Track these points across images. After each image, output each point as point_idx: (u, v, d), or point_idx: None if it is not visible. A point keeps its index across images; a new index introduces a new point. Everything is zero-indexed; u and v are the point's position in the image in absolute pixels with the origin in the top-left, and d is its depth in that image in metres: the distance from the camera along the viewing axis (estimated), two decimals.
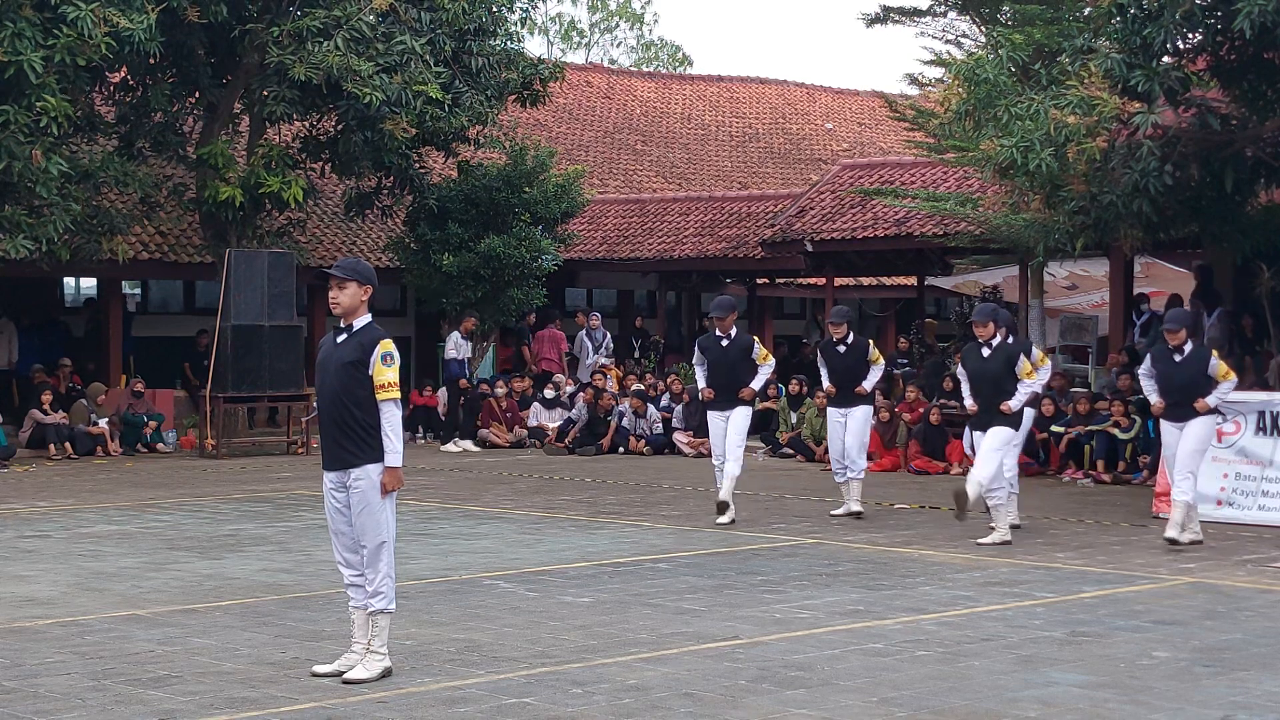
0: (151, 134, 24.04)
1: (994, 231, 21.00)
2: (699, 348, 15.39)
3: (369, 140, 23.61)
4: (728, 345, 15.03)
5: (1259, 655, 9.16)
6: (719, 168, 37.72)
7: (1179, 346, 13.65)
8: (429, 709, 7.81)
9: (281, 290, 22.97)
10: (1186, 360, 13.64)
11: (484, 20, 25.02)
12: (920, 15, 32.10)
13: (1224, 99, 17.05)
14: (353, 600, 8.56)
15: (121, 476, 20.03)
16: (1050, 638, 9.58)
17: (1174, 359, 13.62)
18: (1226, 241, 18.86)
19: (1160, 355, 13.84)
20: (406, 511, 13.64)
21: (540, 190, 26.64)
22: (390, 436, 8.38)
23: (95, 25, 20.39)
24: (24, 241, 20.95)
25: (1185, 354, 13.60)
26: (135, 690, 8.15)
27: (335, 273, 8.48)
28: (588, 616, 10.13)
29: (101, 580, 11.71)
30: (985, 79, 17.47)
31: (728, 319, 15.04)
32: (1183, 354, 13.59)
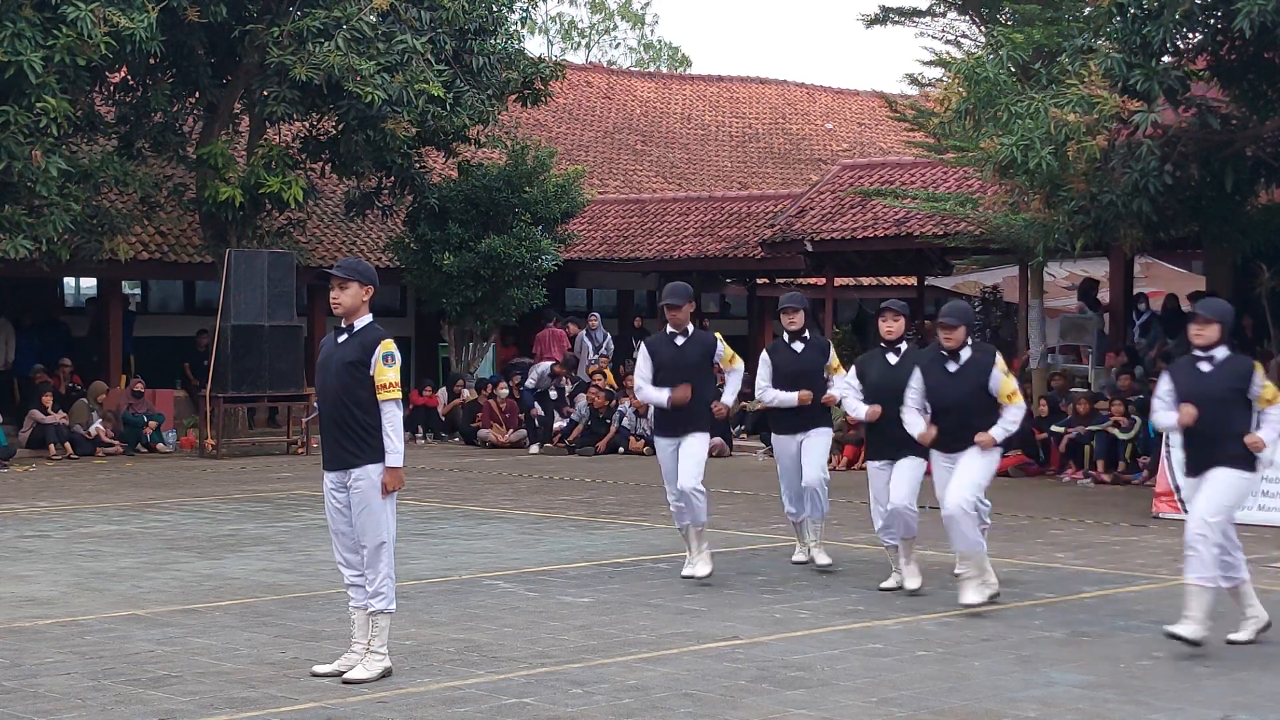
0: (151, 134, 24.03)
1: (994, 231, 21.00)
2: (646, 349, 11.70)
3: (370, 140, 23.61)
4: (684, 345, 11.56)
5: (1259, 655, 9.16)
6: (719, 168, 37.71)
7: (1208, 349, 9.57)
8: (429, 709, 7.81)
9: (281, 290, 22.97)
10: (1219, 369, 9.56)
11: (484, 20, 25.04)
12: (920, 15, 32.08)
13: (1224, 99, 17.05)
14: (353, 600, 8.56)
15: (121, 476, 20.03)
16: (1050, 638, 9.58)
17: (1199, 368, 9.56)
18: (1226, 241, 18.86)
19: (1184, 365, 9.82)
20: (406, 511, 13.64)
21: (540, 190, 26.65)
22: (391, 436, 8.38)
23: (95, 25, 20.39)
24: (24, 241, 20.95)
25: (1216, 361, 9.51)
26: (135, 690, 8.15)
27: (336, 273, 8.48)
28: (588, 616, 10.13)
29: (101, 580, 11.70)
30: (985, 78, 17.47)
31: (682, 309, 11.47)
32: (1213, 361, 9.50)
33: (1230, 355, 9.51)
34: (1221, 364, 9.42)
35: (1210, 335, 9.44)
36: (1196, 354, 9.47)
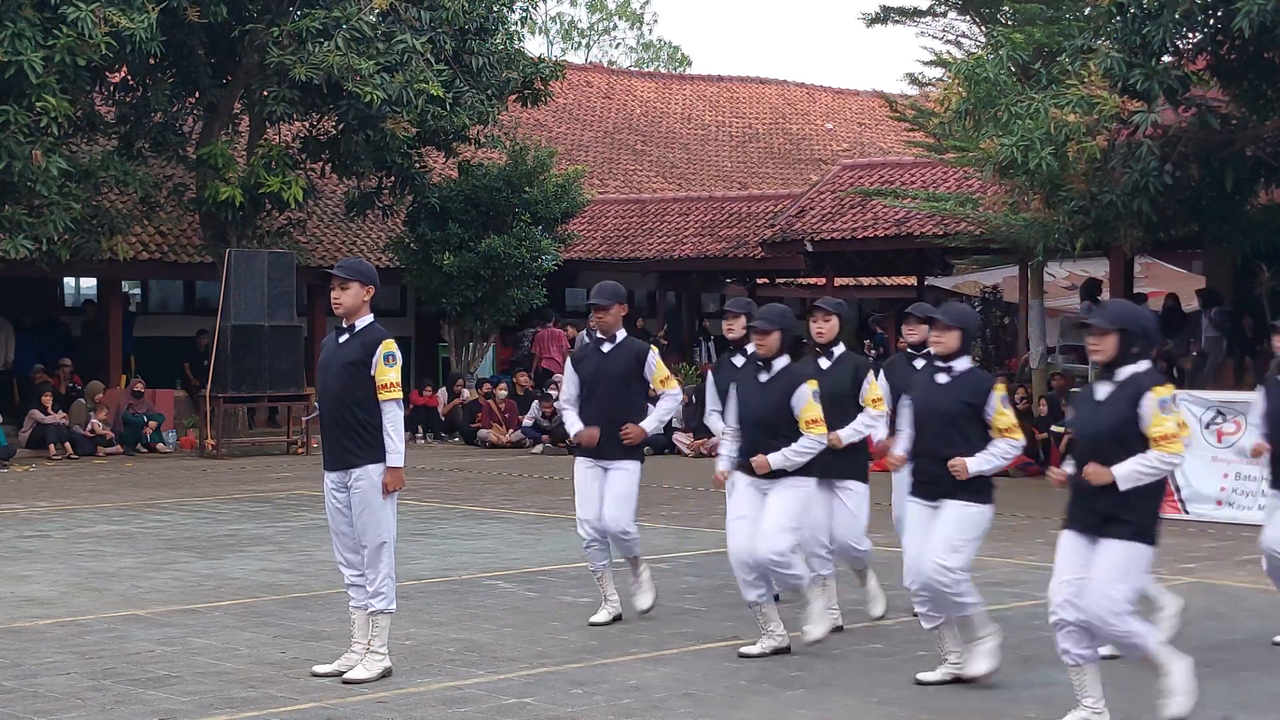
0: (151, 134, 24.04)
1: (994, 231, 21.00)
2: (570, 360, 10.11)
3: (370, 140, 23.62)
4: (610, 352, 9.79)
5: (1259, 655, 9.17)
6: (719, 168, 37.72)
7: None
8: (429, 709, 7.81)
9: (281, 290, 22.98)
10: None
11: (484, 19, 25.04)
12: (920, 15, 32.11)
13: (1224, 99, 17.05)
14: (353, 600, 8.56)
15: (121, 476, 20.03)
16: (1050, 638, 9.55)
17: (936, 379, 8.35)
18: (1226, 241, 18.86)
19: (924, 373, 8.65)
20: (406, 511, 13.64)
21: (540, 190, 26.66)
22: (392, 436, 8.38)
23: (95, 25, 20.40)
24: (24, 241, 20.95)
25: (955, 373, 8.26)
26: (135, 690, 8.15)
27: (338, 273, 8.49)
28: (587, 616, 10.12)
29: (101, 580, 11.70)
30: (985, 78, 17.47)
31: (609, 311, 9.72)
32: (951, 373, 8.27)
33: (971, 369, 8.28)
34: (957, 378, 8.22)
35: (949, 343, 8.17)
36: (936, 363, 8.30)
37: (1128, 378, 7.27)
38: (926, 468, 8.22)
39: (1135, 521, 7.24)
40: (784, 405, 8.76)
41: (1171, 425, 7.19)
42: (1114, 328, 7.26)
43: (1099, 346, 7.31)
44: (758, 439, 8.83)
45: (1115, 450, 7.20)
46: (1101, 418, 7.29)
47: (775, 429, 8.77)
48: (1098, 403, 7.37)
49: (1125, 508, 7.21)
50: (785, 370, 8.86)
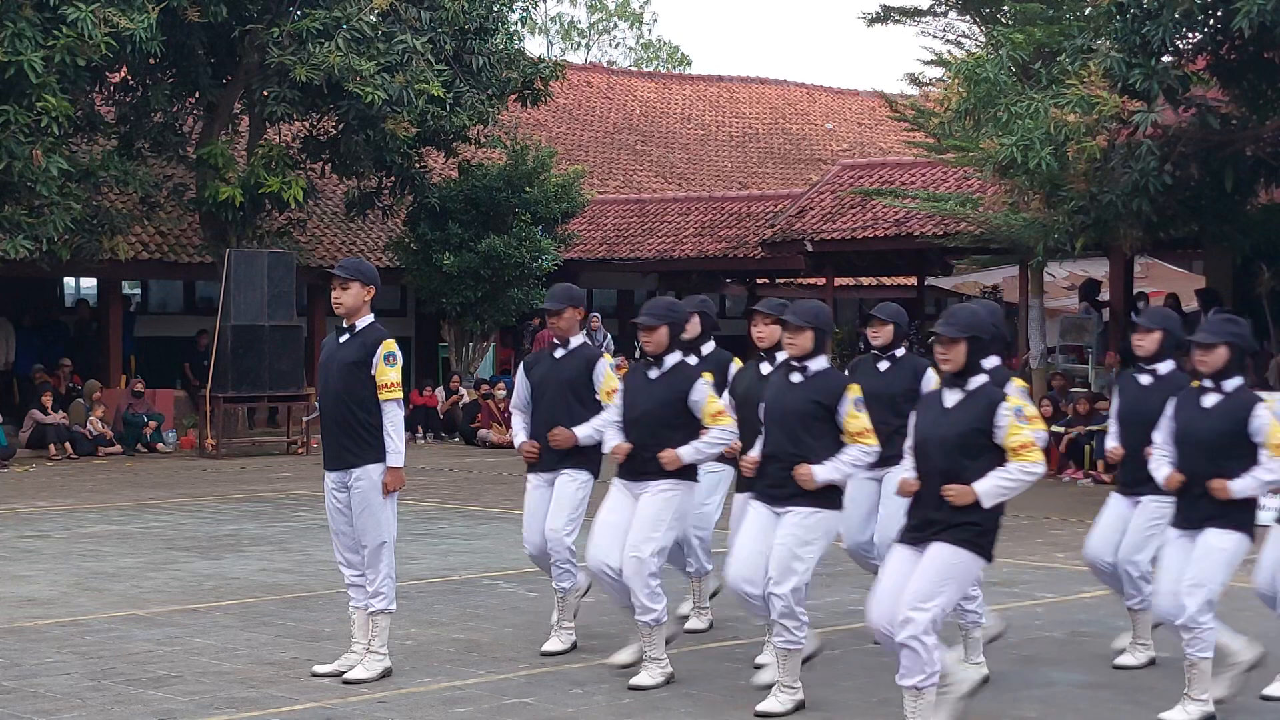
0: (151, 134, 24.04)
1: (994, 231, 21.01)
2: (522, 364, 9.52)
3: (370, 140, 23.62)
4: (561, 359, 9.11)
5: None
6: (719, 168, 37.72)
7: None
8: (429, 709, 7.81)
9: (281, 290, 22.98)
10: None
11: (484, 19, 25.05)
12: (920, 15, 32.14)
13: (1224, 99, 17.06)
14: (353, 600, 8.56)
15: (121, 476, 20.03)
16: (1050, 638, 9.58)
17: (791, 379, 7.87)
18: (1226, 241, 18.87)
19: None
20: (406, 511, 13.63)
21: (540, 190, 26.66)
22: (392, 436, 8.38)
23: (95, 25, 20.39)
24: (24, 241, 20.95)
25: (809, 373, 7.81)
26: (135, 690, 8.15)
27: (338, 273, 8.49)
28: (587, 616, 10.12)
29: (101, 580, 11.70)
30: (985, 78, 17.48)
31: (563, 316, 9.06)
32: (805, 373, 7.82)
33: (827, 369, 7.81)
34: (811, 378, 7.75)
35: (803, 344, 7.74)
36: (791, 363, 7.82)
37: (979, 386, 7.06)
38: (773, 471, 7.74)
39: (970, 529, 6.96)
40: (673, 399, 8.24)
41: (1029, 434, 6.96)
42: (963, 335, 7.02)
43: (948, 355, 7.04)
44: (644, 439, 8.28)
45: (964, 459, 6.96)
46: (950, 425, 7.02)
47: (669, 424, 8.24)
48: (945, 409, 7.10)
49: (961, 514, 6.96)
50: (677, 366, 8.34)
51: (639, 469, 8.32)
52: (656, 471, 8.25)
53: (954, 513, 6.95)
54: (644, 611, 8.21)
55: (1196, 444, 7.60)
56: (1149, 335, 8.52)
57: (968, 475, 6.96)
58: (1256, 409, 7.55)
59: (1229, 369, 7.62)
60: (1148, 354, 8.55)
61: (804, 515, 7.65)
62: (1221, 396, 7.63)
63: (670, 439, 8.23)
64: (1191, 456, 7.64)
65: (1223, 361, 7.62)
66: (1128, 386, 8.71)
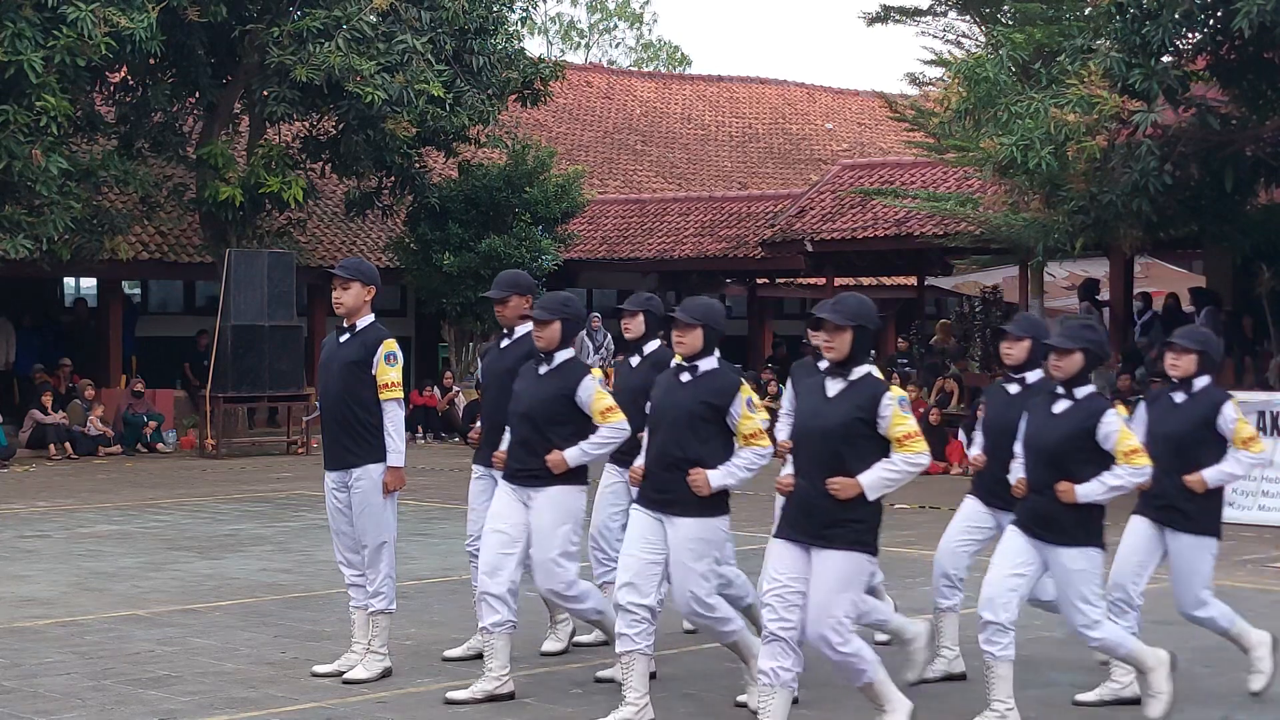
0: (151, 134, 24.06)
1: (994, 231, 21.01)
2: (480, 356, 9.43)
3: (370, 140, 23.63)
4: (505, 349, 8.66)
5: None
6: (719, 168, 37.72)
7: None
8: (429, 709, 7.81)
9: (281, 290, 22.99)
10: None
11: (484, 19, 25.05)
12: (920, 15, 32.14)
13: (1224, 99, 17.06)
14: (353, 600, 8.56)
15: (121, 476, 20.04)
16: (1050, 638, 9.57)
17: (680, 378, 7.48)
18: (1226, 241, 18.86)
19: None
20: (406, 511, 13.63)
21: (540, 190, 26.66)
22: (393, 436, 8.38)
23: (95, 25, 20.40)
24: (24, 241, 20.96)
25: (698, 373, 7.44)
26: (135, 690, 8.15)
27: (339, 273, 8.49)
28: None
29: (101, 580, 11.71)
30: (985, 78, 17.47)
31: (508, 304, 8.61)
32: (694, 373, 7.43)
33: (717, 368, 7.41)
34: (700, 377, 7.40)
35: (692, 343, 7.38)
36: (680, 364, 7.48)
37: (861, 376, 6.84)
38: (658, 476, 7.37)
39: (855, 528, 6.76)
40: (558, 396, 7.90)
41: (913, 424, 6.80)
42: (850, 324, 6.79)
43: (833, 344, 6.81)
44: (529, 436, 7.95)
45: (846, 450, 6.75)
46: (831, 414, 6.80)
47: (555, 421, 7.89)
48: (827, 399, 6.86)
49: (846, 512, 6.75)
50: (566, 363, 7.99)
51: (524, 470, 7.95)
52: (544, 474, 7.88)
53: (837, 507, 6.74)
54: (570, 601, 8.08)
55: (1040, 450, 7.41)
56: (1018, 344, 8.23)
57: (850, 466, 6.73)
58: (1105, 416, 7.37)
59: (1082, 376, 7.47)
60: (1016, 362, 8.25)
61: (693, 529, 7.28)
62: (1071, 403, 7.45)
63: (556, 437, 7.86)
64: (1036, 463, 7.47)
65: (1077, 368, 7.47)
66: (995, 396, 8.40)
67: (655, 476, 7.39)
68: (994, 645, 7.36)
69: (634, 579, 7.38)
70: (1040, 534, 7.40)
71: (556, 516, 7.92)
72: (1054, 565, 7.43)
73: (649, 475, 7.45)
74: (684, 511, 7.28)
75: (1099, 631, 7.47)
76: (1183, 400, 8.16)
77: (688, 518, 7.28)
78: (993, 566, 7.54)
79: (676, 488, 7.28)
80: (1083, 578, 7.40)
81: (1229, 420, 8.06)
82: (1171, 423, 8.14)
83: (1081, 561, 7.40)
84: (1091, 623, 7.43)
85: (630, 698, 7.42)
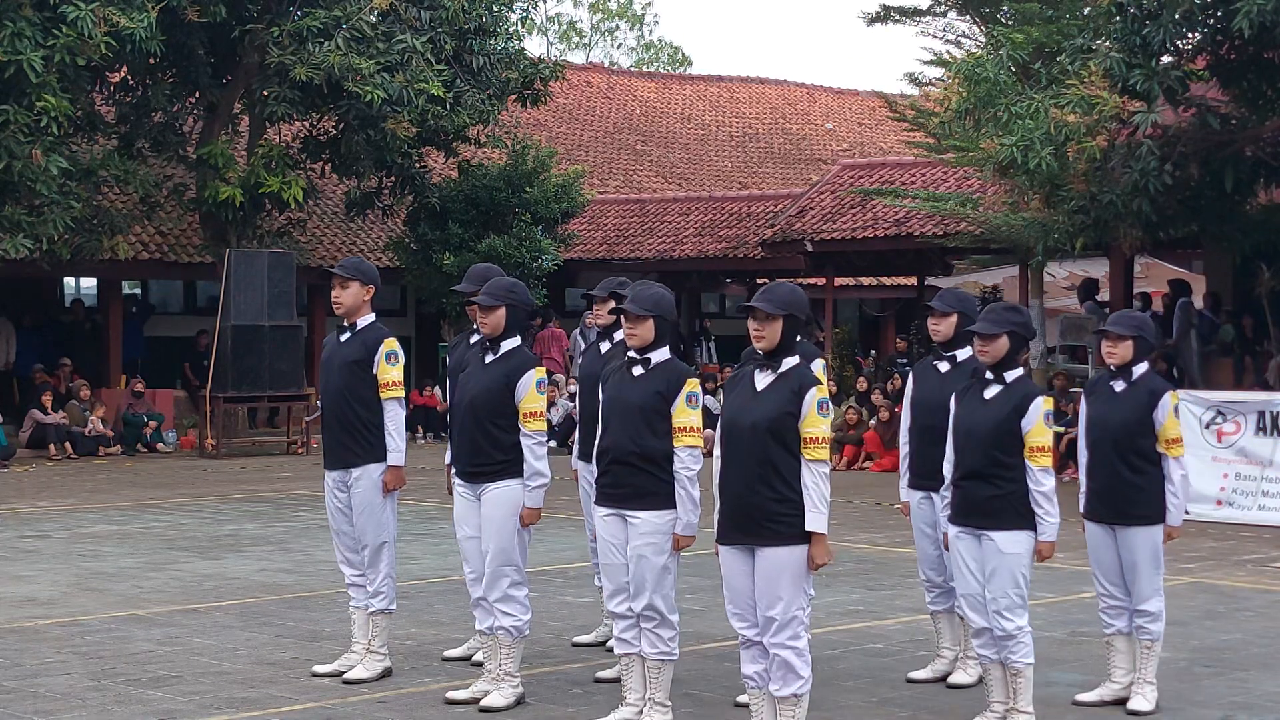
0: (151, 134, 24.06)
1: (994, 231, 21.01)
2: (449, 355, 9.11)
3: (370, 140, 23.63)
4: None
5: (1259, 655, 9.16)
6: (719, 168, 37.72)
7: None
8: (429, 709, 7.81)
9: (281, 290, 22.99)
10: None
11: (484, 19, 25.06)
12: (920, 15, 32.08)
13: (1224, 99, 17.05)
14: (353, 600, 8.56)
15: (121, 476, 20.04)
16: (1050, 638, 9.57)
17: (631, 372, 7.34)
18: (1226, 241, 18.85)
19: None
20: (406, 511, 13.63)
21: (540, 190, 26.67)
22: (394, 435, 8.38)
23: (95, 25, 20.40)
24: (24, 241, 20.96)
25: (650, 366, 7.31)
26: (135, 690, 8.15)
27: (338, 272, 8.49)
28: (588, 616, 10.12)
29: (101, 580, 11.70)
30: (985, 78, 17.48)
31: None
32: (647, 366, 7.30)
33: (669, 360, 7.25)
34: (653, 370, 7.25)
35: (644, 334, 7.23)
36: (631, 356, 7.30)
37: (791, 368, 6.66)
38: (614, 470, 7.21)
39: (795, 521, 6.56)
40: (499, 388, 7.71)
41: (825, 429, 6.59)
42: (780, 313, 6.64)
43: (763, 333, 6.65)
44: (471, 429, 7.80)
45: (774, 446, 6.56)
46: (758, 409, 6.62)
47: (498, 413, 7.72)
48: (757, 392, 6.67)
49: (782, 506, 6.57)
50: (512, 352, 7.79)
51: (473, 467, 7.79)
52: (491, 468, 7.75)
53: (771, 502, 6.56)
54: (505, 617, 7.75)
55: (970, 435, 7.27)
56: (944, 319, 8.10)
57: (778, 461, 6.56)
58: (1036, 402, 7.26)
59: (1009, 359, 7.32)
60: (944, 339, 8.12)
61: (653, 522, 7.13)
62: (1002, 387, 7.32)
63: (498, 430, 7.70)
64: (968, 449, 7.33)
65: (1003, 351, 7.30)
66: (925, 374, 8.27)
67: (611, 472, 7.23)
68: (988, 649, 7.34)
69: (617, 585, 7.30)
70: (977, 522, 7.28)
71: (502, 517, 7.76)
72: (987, 549, 7.27)
73: (605, 471, 7.28)
74: (642, 505, 7.14)
75: (1019, 620, 7.22)
76: (1122, 389, 7.96)
77: (646, 511, 7.14)
78: (955, 576, 7.47)
79: (632, 481, 7.14)
80: (1016, 561, 7.26)
81: (1163, 412, 7.85)
82: (1113, 412, 7.96)
83: (1015, 545, 7.27)
84: (1015, 607, 7.23)
85: (630, 699, 7.39)
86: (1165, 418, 7.84)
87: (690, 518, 7.13)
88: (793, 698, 6.59)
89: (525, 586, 7.88)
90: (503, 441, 7.73)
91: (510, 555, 7.78)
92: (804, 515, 6.54)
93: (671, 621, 7.24)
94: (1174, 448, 7.87)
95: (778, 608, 6.54)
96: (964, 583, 7.40)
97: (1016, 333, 7.29)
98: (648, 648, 7.25)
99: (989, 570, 7.29)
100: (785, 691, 6.59)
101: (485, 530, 7.79)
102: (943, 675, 8.46)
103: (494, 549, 7.76)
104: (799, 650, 6.56)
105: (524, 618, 7.81)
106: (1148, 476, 7.91)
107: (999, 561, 7.27)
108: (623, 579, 7.29)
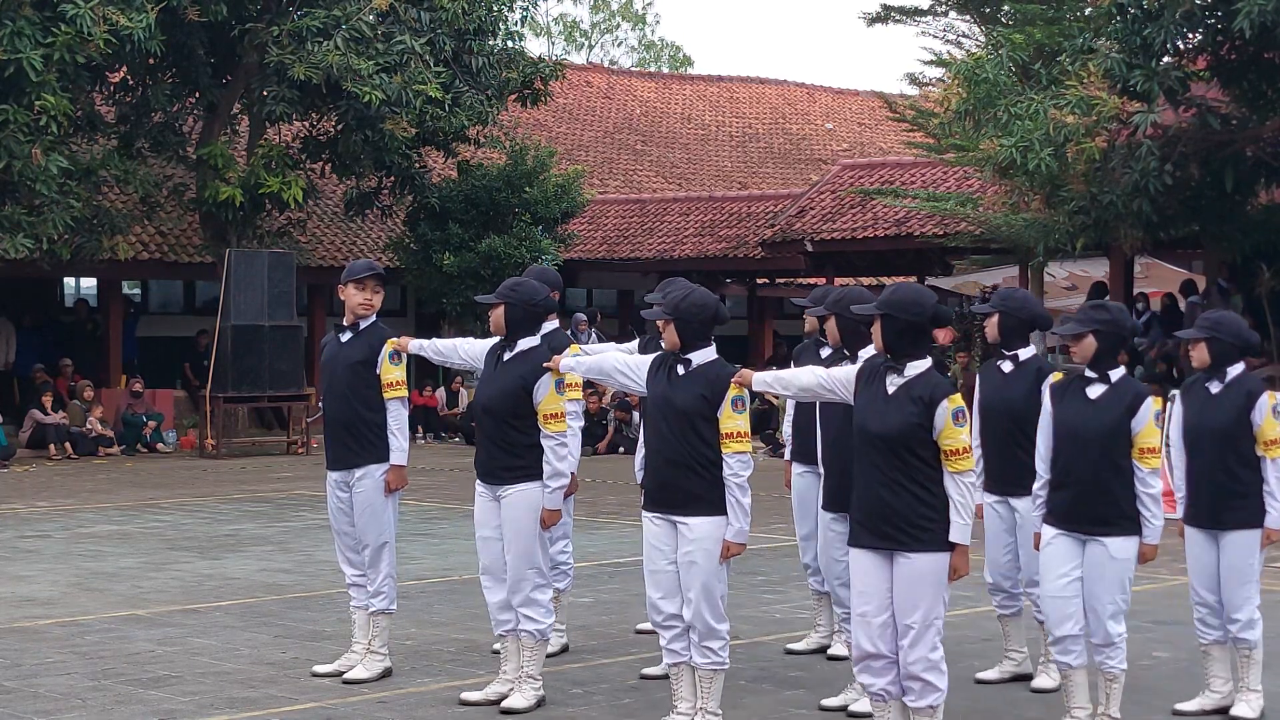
0: (151, 134, 24.05)
1: (994, 231, 21.02)
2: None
3: (369, 140, 23.63)
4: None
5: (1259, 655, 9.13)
6: (719, 168, 37.72)
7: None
8: (429, 709, 7.81)
9: (281, 290, 22.99)
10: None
11: (484, 20, 25.05)
12: (920, 15, 32.12)
13: (1224, 99, 17.06)
14: (354, 600, 8.56)
15: (121, 476, 20.03)
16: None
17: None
18: (1226, 241, 18.85)
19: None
20: (406, 511, 13.64)
21: (540, 190, 26.67)
22: (396, 435, 8.38)
23: (94, 23, 20.40)
24: (24, 240, 20.95)
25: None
26: (135, 690, 8.14)
27: (372, 279, 8.36)
28: (588, 616, 10.12)
29: (101, 580, 11.70)
30: (985, 79, 17.48)
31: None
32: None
33: (712, 361, 7.15)
34: (694, 371, 7.11)
35: (670, 337, 7.16)
36: (675, 357, 7.24)
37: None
38: (663, 475, 7.14)
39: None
40: (516, 389, 7.66)
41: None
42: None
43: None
44: (491, 433, 7.79)
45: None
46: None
47: (516, 415, 7.67)
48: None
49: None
50: (528, 351, 7.73)
51: (492, 468, 7.76)
52: (509, 472, 7.70)
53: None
54: (527, 621, 7.73)
55: (1077, 437, 7.08)
56: (989, 320, 8.03)
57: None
58: (1146, 402, 7.07)
59: (1106, 357, 7.12)
60: (994, 339, 8.05)
61: (704, 528, 7.03)
62: (1107, 386, 7.12)
63: (517, 432, 7.65)
64: (1074, 451, 7.12)
65: (1092, 350, 7.12)
66: (990, 376, 8.12)
67: (659, 476, 7.15)
68: (1067, 656, 7.23)
69: (663, 593, 7.20)
70: (1085, 527, 7.10)
71: (521, 523, 7.70)
72: (1094, 554, 7.11)
73: (653, 475, 7.22)
74: (692, 511, 7.03)
75: (1120, 627, 7.20)
76: (1218, 390, 7.66)
77: (696, 517, 7.03)
78: (1043, 578, 7.35)
79: (680, 485, 7.05)
80: (1125, 567, 7.12)
81: (1260, 413, 7.61)
82: (1210, 414, 7.67)
83: (1125, 551, 7.12)
84: (1119, 613, 7.17)
85: (681, 708, 7.24)
86: (1263, 419, 7.58)
87: (742, 524, 7.04)
88: (929, 709, 6.54)
89: (549, 589, 7.87)
90: (521, 444, 7.68)
91: (533, 558, 7.74)
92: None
93: (720, 631, 7.11)
94: (1273, 449, 7.59)
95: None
96: (1053, 585, 7.21)
97: (1102, 330, 7.08)
98: (698, 658, 7.14)
99: (1095, 575, 7.15)
100: (922, 703, 6.54)
101: (506, 533, 7.75)
102: (1011, 676, 8.40)
103: (515, 552, 7.72)
104: (934, 662, 6.51)
105: (547, 620, 7.78)
106: (1247, 480, 7.64)
107: (1108, 567, 7.13)
108: (669, 586, 7.18)
